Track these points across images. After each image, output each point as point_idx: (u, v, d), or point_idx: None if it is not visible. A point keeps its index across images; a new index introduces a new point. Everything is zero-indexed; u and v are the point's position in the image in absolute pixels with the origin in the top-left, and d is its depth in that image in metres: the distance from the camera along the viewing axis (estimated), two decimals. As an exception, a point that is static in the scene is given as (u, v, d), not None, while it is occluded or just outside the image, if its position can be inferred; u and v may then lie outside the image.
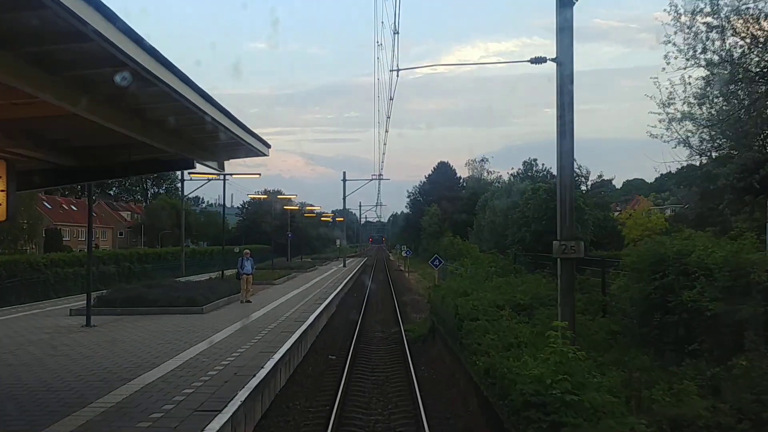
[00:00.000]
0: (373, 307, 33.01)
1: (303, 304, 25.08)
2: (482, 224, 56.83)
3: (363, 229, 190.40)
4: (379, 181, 67.78)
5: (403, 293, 41.57)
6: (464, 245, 38.55)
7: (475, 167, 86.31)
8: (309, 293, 30.89)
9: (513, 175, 75.46)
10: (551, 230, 42.74)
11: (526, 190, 55.36)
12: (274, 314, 21.58)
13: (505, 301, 15.21)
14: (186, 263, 64.29)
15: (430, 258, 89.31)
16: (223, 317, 20.73)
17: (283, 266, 49.58)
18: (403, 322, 26.33)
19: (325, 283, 38.54)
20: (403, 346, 20.39)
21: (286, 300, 26.48)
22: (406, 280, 55.86)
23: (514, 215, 48.75)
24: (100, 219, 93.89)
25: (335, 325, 25.33)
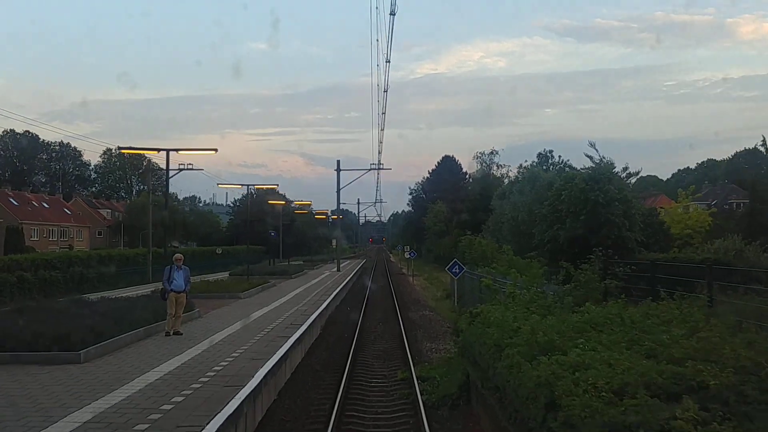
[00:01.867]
0: (369, 331, 24.19)
1: (257, 341, 16.18)
2: (500, 222, 47.97)
3: (363, 230, 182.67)
4: (378, 172, 58.82)
5: (408, 306, 32.77)
6: (488, 245, 29.84)
7: (483, 161, 77.57)
8: (280, 314, 22.04)
9: (526, 168, 66.66)
10: (592, 228, 33.02)
11: (554, 180, 46.54)
12: (199, 366, 12.72)
13: (659, 378, 6.41)
14: (159, 267, 55.72)
15: (435, 260, 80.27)
16: (112, 373, 11.91)
17: (263, 271, 40.77)
18: (415, 360, 17.59)
19: (308, 295, 29.67)
20: (416, 414, 11.74)
21: (233, 332, 17.53)
22: (410, 287, 47.02)
23: (542, 210, 39.99)
24: (77, 217, 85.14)
25: (309, 368, 16.50)
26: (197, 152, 23.79)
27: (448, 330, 24.60)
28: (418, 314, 29.24)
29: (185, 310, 19.38)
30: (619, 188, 36.72)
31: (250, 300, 25.96)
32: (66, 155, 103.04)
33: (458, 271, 24.99)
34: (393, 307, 32.10)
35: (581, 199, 36.08)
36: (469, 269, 28.76)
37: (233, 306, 23.84)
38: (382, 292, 41.15)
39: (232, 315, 21.03)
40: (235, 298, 25.99)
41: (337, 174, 48.63)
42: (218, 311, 22.08)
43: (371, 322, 26.96)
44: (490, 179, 72.46)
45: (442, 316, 28.89)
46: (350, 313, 29.88)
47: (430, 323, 26.21)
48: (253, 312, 21.71)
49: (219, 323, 18.85)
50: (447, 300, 37.04)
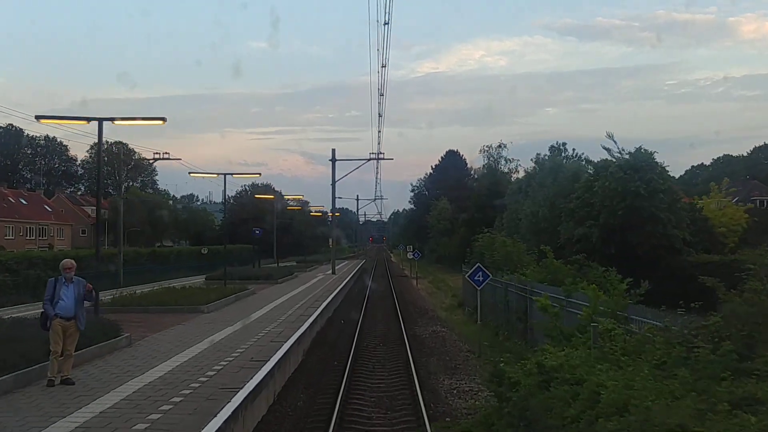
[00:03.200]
0: (366, 357, 18.28)
1: (189, 397, 10.22)
2: (515, 218, 42.09)
3: (363, 229, 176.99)
4: (377, 164, 52.81)
5: (414, 319, 26.90)
6: (514, 245, 23.88)
7: (491, 155, 71.56)
8: (245, 339, 16.17)
9: (537, 162, 60.70)
10: (631, 224, 26.79)
11: (580, 170, 40.58)
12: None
13: None
14: (139, 269, 49.79)
15: (438, 260, 74.48)
16: None
17: (245, 275, 34.83)
18: (430, 410, 11.81)
19: (290, 308, 23.78)
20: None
21: (160, 377, 11.53)
22: (414, 292, 41.14)
23: (569, 205, 34.11)
24: (58, 215, 79.24)
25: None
26: (143, 122, 17.87)
27: (469, 356, 18.79)
28: (428, 330, 23.36)
29: (106, 336, 13.53)
30: (663, 178, 30.87)
31: (214, 316, 20.03)
32: (52, 150, 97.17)
33: (482, 280, 19.02)
34: (396, 320, 26.25)
35: (618, 191, 30.27)
36: (500, 277, 22.92)
37: (188, 325, 17.93)
38: (383, 300, 35.27)
39: (178, 341, 15.11)
40: (195, 313, 20.11)
41: (332, 165, 42.77)
42: (162, 335, 16.19)
43: (369, 341, 21.11)
44: (499, 174, 66.58)
45: (457, 333, 23.03)
46: (344, 329, 24.07)
47: (443, 344, 20.33)
48: (210, 336, 15.77)
49: (147, 359, 12.93)
50: (459, 309, 31.18)
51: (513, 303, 20.32)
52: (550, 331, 10.75)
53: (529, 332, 18.19)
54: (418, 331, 23.29)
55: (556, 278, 17.96)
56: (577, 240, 32.11)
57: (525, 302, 18.54)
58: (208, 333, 16.22)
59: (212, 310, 20.97)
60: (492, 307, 24.07)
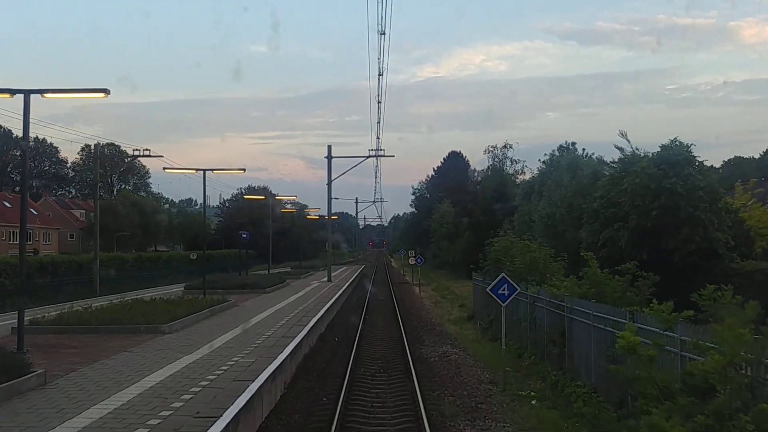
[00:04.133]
0: (364, 393, 14.38)
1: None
2: (527, 221, 38.19)
3: (363, 233, 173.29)
4: (377, 163, 48.87)
5: (420, 335, 23.02)
6: (541, 251, 19.97)
7: (496, 155, 67.61)
8: (203, 373, 12.33)
9: (544, 163, 56.83)
10: (667, 227, 23.19)
11: (600, 168, 36.69)
12: None
13: None
14: (120, 276, 45.88)
15: (441, 265, 70.52)
16: None
17: (230, 284, 30.88)
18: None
19: (274, 325, 19.86)
20: None
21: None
22: (417, 302, 37.25)
23: (592, 205, 30.24)
24: (45, 218, 75.39)
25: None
26: (79, 95, 14.05)
27: (491, 389, 14.92)
28: (436, 351, 19.47)
29: (6, 374, 9.73)
30: (702, 173, 26.97)
31: (174, 339, 16.11)
32: (42, 152, 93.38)
33: (508, 295, 15.13)
34: (398, 336, 22.39)
35: (651, 189, 26.31)
36: (524, 287, 19.03)
37: (135, 352, 14.02)
38: (383, 311, 31.41)
39: (111, 380, 11.19)
40: (153, 334, 16.23)
41: (328, 162, 38.90)
42: (95, 368, 12.29)
43: (367, 366, 17.27)
44: (505, 175, 62.75)
45: (471, 354, 19.17)
46: (337, 349, 20.23)
47: (457, 372, 16.45)
48: (154, 372, 11.90)
49: (51, 412, 9.05)
50: (470, 323, 27.32)
51: (542, 321, 16.47)
52: (644, 387, 6.90)
53: (567, 360, 14.39)
54: (426, 353, 19.43)
55: (603, 293, 14.12)
56: (603, 244, 28.20)
57: (561, 322, 14.69)
58: (154, 366, 12.33)
59: (175, 330, 17.07)
60: (513, 323, 20.23)
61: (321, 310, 23.48)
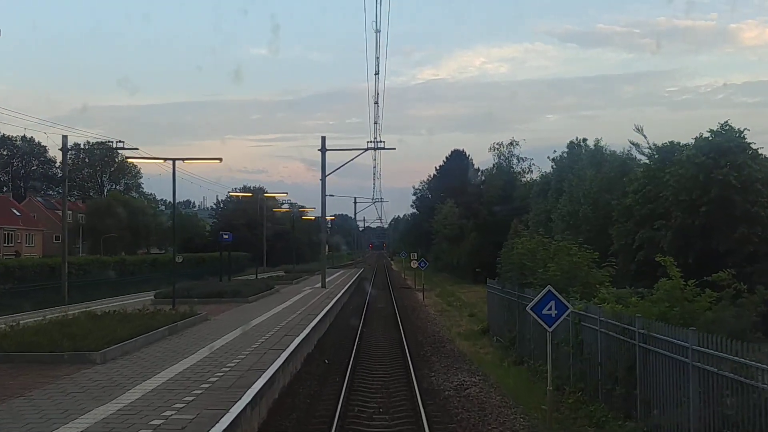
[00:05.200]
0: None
1: None
2: (546, 219, 34.01)
3: (363, 236, 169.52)
4: (377, 156, 44.55)
5: (427, 355, 18.81)
6: (582, 256, 15.71)
7: (501, 153, 63.50)
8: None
9: (554, 160, 52.69)
10: (719, 225, 18.69)
11: (629, 160, 32.53)
12: None
13: None
14: (94, 281, 41.71)
15: (444, 268, 66.19)
16: None
17: (207, 291, 26.62)
18: None
19: (242, 350, 15.63)
20: None
21: None
22: (421, 310, 33.07)
23: (625, 201, 26.17)
24: (28, 219, 71.23)
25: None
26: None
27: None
28: (451, 381, 15.28)
29: None
30: (759, 162, 22.86)
31: (105, 371, 11.90)
32: (30, 152, 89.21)
33: (557, 316, 10.97)
34: (402, 358, 18.24)
35: (699, 181, 22.20)
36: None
37: (37, 397, 9.87)
38: (383, 322, 27.25)
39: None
40: (81, 364, 12.11)
41: (322, 155, 34.66)
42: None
43: (363, 403, 13.16)
44: (513, 173, 58.67)
45: (493, 384, 15.01)
46: (327, 375, 16.12)
47: (483, 416, 12.26)
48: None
49: None
50: (485, 338, 23.16)
51: (594, 348, 12.29)
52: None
53: (641, 407, 10.27)
54: (437, 382, 15.27)
55: (691, 315, 9.99)
56: (639, 246, 24.13)
57: (629, 353, 10.54)
58: (44, 428, 8.17)
59: (111, 358, 12.91)
60: (538, 341, 16.15)
61: (309, 324, 19.33)
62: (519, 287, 18.61)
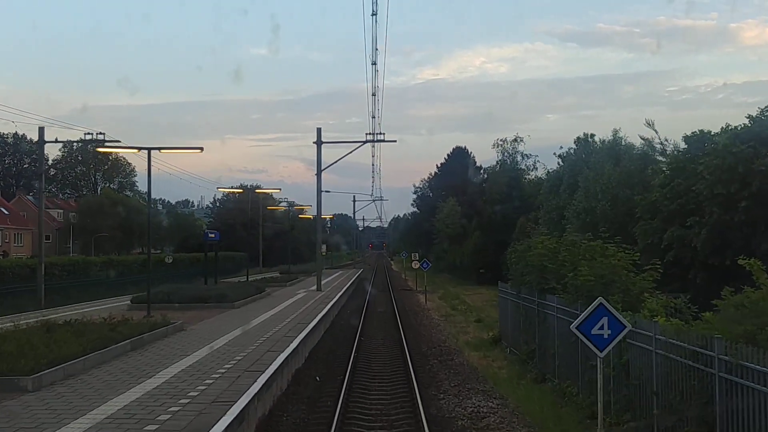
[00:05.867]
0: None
1: None
2: (558, 217, 31.49)
3: (362, 235, 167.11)
4: (376, 149, 42.17)
5: (435, 373, 16.24)
6: (620, 258, 13.23)
7: (505, 149, 60.95)
8: None
9: (561, 156, 50.19)
10: (762, 221, 15.54)
11: (648, 153, 29.96)
12: None
13: None
14: (75, 283, 39.14)
15: (446, 269, 63.70)
16: None
17: (190, 296, 24.02)
18: None
19: (212, 372, 13.07)
20: None
21: None
22: (425, 316, 30.56)
23: (649, 197, 23.65)
24: (18, 218, 68.73)
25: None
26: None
27: None
28: (464, 406, 12.75)
29: None
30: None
31: (34, 403, 9.41)
32: (21, 149, 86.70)
33: (611, 337, 8.47)
34: (405, 374, 15.74)
35: (738, 172, 19.71)
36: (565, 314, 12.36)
37: None
38: (384, 329, 24.73)
39: None
40: (6, 393, 9.63)
41: (318, 148, 32.10)
42: None
43: None
44: (519, 170, 56.15)
45: (515, 409, 12.50)
46: (317, 396, 13.63)
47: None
48: None
49: None
50: (496, 348, 20.64)
51: (649, 373, 9.77)
52: None
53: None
54: (447, 407, 12.76)
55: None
56: (667, 246, 21.60)
57: (706, 386, 8.05)
58: None
59: (49, 382, 10.38)
60: (565, 357, 13.68)
61: (299, 336, 16.82)
62: (539, 293, 16.14)
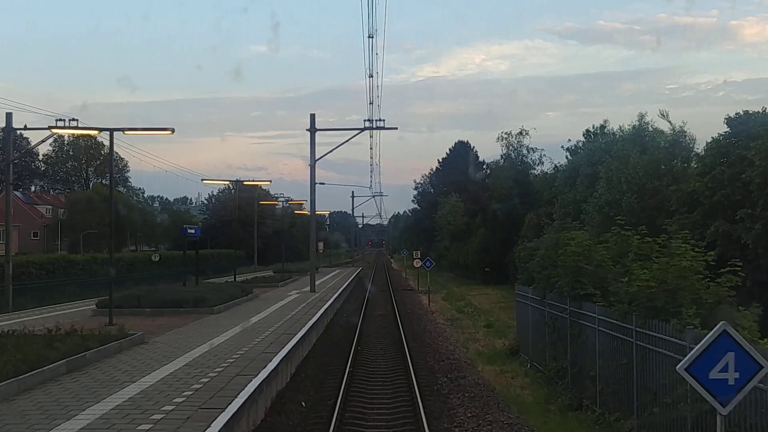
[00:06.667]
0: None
1: None
2: (575, 211, 28.53)
3: (362, 233, 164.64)
4: (374, 138, 39.11)
5: (446, 397, 13.26)
6: (693, 258, 10.46)
7: (510, 143, 58.02)
8: None
9: (569, 149, 47.28)
10: None
11: (680, 137, 27.01)
12: None
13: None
14: (48, 283, 36.21)
15: (449, 267, 60.81)
16: None
17: (165, 299, 20.89)
18: None
19: (157, 409, 10.11)
20: None
21: None
22: (428, 320, 27.62)
23: (687, 187, 20.73)
24: (3, 214, 65.68)
25: None
26: None
27: None
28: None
29: None
30: None
31: None
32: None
33: (740, 382, 5.47)
34: (410, 399, 12.86)
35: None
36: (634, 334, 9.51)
37: None
38: (383, 337, 21.80)
39: None
40: None
41: (311, 135, 29.05)
42: None
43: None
44: (526, 163, 53.25)
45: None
46: (303, 427, 10.75)
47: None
48: None
49: None
50: (515, 361, 17.76)
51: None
52: None
53: None
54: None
55: None
56: (710, 243, 18.64)
57: None
58: None
59: None
60: (610, 381, 10.85)
61: (281, 351, 13.89)
62: (571, 299, 13.26)
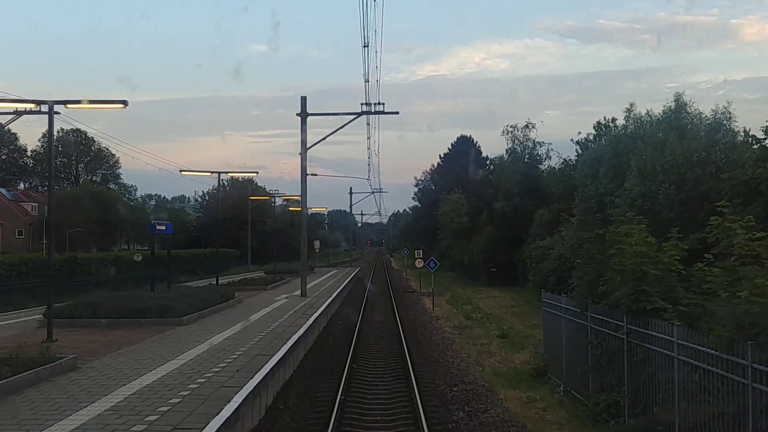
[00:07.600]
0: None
1: None
2: (592, 206, 25.29)
3: (362, 232, 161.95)
4: (374, 130, 36.29)
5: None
6: None
7: (516, 136, 54.69)
8: None
9: (579, 143, 44.12)
10: None
11: (722, 120, 23.73)
12: None
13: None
14: (18, 285, 32.98)
15: (451, 267, 57.42)
16: None
17: (127, 307, 17.59)
18: None
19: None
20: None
21: None
22: (434, 328, 24.40)
23: (741, 175, 17.53)
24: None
25: None
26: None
27: None
28: None
29: None
30: None
31: None
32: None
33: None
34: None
35: None
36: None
37: None
38: (383, 352, 18.59)
39: None
40: None
41: (302, 121, 25.91)
42: None
43: None
44: (534, 157, 50.03)
45: None
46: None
47: None
48: None
49: None
50: (543, 386, 14.55)
51: None
52: None
53: None
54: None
55: None
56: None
57: None
58: None
59: None
60: (703, 428, 7.75)
61: (255, 376, 10.73)
62: (631, 315, 10.10)
